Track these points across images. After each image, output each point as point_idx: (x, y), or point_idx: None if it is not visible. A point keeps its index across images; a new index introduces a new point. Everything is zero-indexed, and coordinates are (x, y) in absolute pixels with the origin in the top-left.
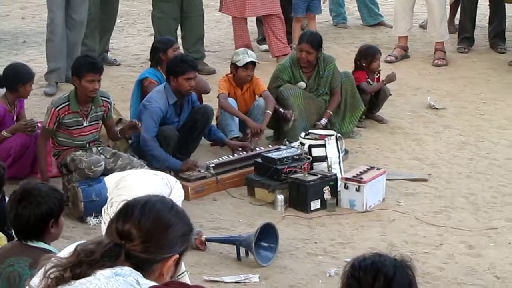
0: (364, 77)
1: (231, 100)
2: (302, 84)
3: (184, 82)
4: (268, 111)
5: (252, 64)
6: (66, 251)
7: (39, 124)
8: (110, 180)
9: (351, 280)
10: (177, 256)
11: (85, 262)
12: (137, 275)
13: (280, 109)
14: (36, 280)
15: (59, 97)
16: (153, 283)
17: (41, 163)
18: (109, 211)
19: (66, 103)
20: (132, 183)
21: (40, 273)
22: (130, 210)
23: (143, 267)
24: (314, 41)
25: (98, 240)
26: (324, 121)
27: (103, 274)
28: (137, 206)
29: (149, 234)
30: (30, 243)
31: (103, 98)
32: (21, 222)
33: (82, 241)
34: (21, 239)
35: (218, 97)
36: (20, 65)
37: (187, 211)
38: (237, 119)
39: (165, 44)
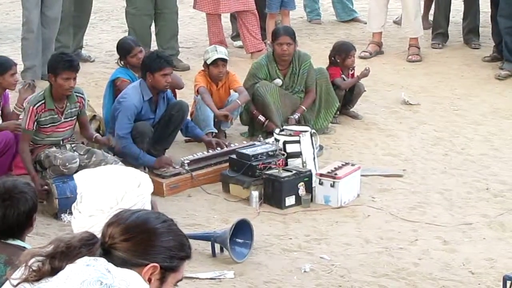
0: (338, 73)
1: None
2: (279, 81)
3: (160, 78)
4: (237, 100)
5: (222, 60)
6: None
7: None
8: (79, 176)
9: None
10: (157, 265)
11: (65, 254)
12: (108, 264)
13: (260, 117)
14: (18, 273)
15: (34, 96)
16: (125, 270)
17: (28, 166)
18: (79, 206)
19: (42, 101)
20: (101, 176)
21: (22, 266)
22: (120, 214)
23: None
24: (291, 32)
25: (79, 233)
26: (296, 115)
27: (74, 267)
28: (127, 212)
29: (131, 234)
30: (5, 241)
31: (77, 94)
32: (7, 222)
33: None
34: None
35: (197, 90)
36: None
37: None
38: (212, 115)
39: (122, 51)
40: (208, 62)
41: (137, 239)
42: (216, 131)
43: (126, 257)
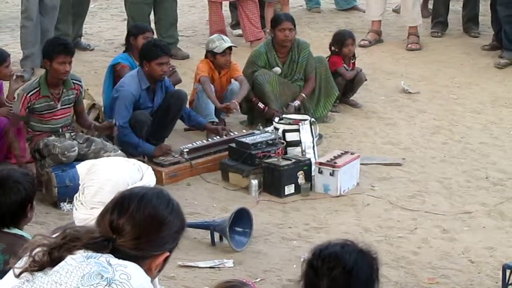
0: (340, 62)
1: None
2: (278, 69)
3: (156, 67)
4: (242, 91)
5: (230, 49)
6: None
7: None
8: (81, 167)
9: (308, 268)
10: (168, 253)
11: (66, 246)
12: (108, 256)
13: (259, 104)
14: (21, 262)
15: (29, 83)
16: (126, 263)
17: (14, 148)
18: (81, 198)
19: (37, 89)
20: (104, 168)
21: (26, 255)
22: (126, 203)
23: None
24: (291, 18)
25: (89, 229)
26: (296, 102)
27: (74, 259)
28: (134, 200)
29: (142, 232)
30: (3, 229)
31: (74, 81)
32: (1, 211)
33: (73, 225)
34: None
35: (199, 79)
36: None
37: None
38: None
39: (137, 30)
40: (219, 51)
41: (147, 236)
42: (217, 120)
43: (138, 254)
